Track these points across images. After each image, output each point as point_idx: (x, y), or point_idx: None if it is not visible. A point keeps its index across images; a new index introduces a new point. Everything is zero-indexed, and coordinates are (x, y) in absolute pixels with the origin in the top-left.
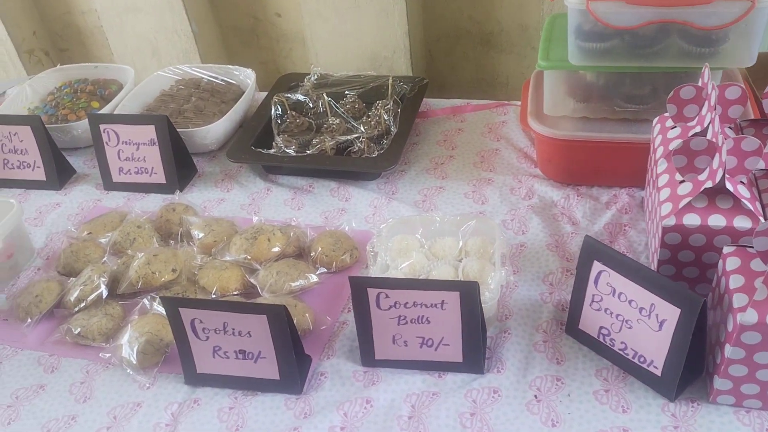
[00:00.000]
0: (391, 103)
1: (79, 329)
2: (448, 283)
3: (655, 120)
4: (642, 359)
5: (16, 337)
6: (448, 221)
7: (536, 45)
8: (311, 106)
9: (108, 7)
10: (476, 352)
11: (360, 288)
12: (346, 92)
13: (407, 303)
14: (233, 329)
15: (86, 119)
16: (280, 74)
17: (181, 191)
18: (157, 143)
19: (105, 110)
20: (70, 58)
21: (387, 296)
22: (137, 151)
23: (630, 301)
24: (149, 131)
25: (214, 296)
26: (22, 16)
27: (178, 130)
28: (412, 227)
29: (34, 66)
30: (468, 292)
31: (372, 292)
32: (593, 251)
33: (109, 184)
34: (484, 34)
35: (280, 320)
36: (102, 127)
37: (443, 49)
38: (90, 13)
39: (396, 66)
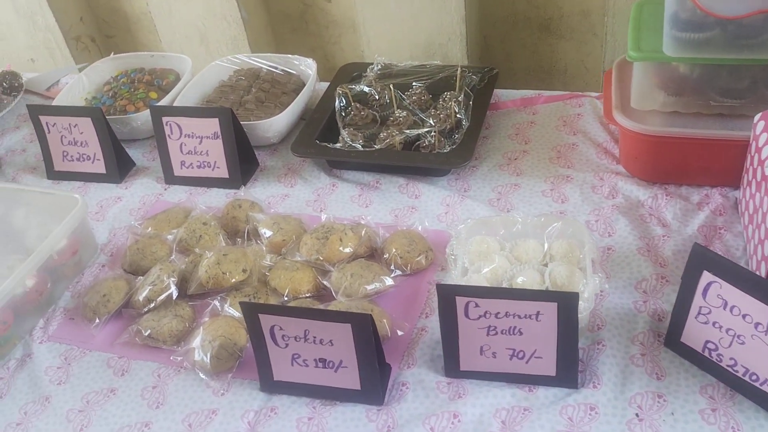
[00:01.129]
0: (462, 95)
1: (149, 331)
2: (545, 294)
3: (758, 117)
4: (754, 377)
5: (84, 338)
6: (531, 223)
7: (598, 31)
8: (377, 97)
9: None
10: (571, 365)
11: (448, 296)
12: (414, 83)
13: (498, 313)
14: (314, 337)
15: (146, 111)
16: (329, 61)
17: (243, 186)
18: (220, 137)
19: (164, 101)
20: (116, 45)
21: (477, 305)
22: (200, 144)
23: (744, 316)
24: (213, 124)
25: (286, 298)
26: (70, 3)
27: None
28: (492, 228)
29: (81, 53)
30: (567, 304)
31: (461, 301)
32: (703, 261)
33: (171, 178)
34: (543, 19)
35: (365, 330)
36: (164, 119)
37: (498, 36)
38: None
39: (450, 53)
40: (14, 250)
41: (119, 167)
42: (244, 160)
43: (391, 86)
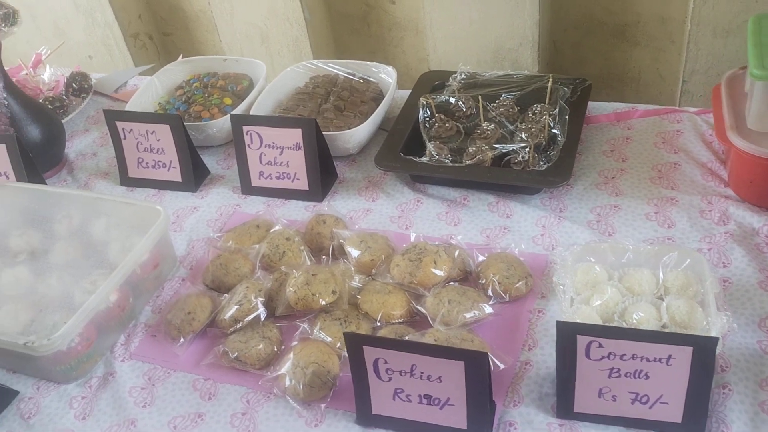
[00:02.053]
0: (557, 109)
1: (236, 353)
2: (679, 337)
3: None
4: None
5: (168, 357)
6: (643, 251)
7: (677, 39)
8: (464, 109)
9: None
10: (700, 413)
11: (568, 334)
12: (503, 94)
13: (624, 355)
14: (422, 373)
15: (222, 118)
16: (389, 63)
17: (323, 199)
18: (302, 148)
19: (240, 108)
20: (173, 43)
21: (600, 346)
22: (280, 155)
23: None
24: (295, 135)
25: (378, 324)
26: (129, 0)
27: None
28: (601, 255)
29: (139, 50)
30: (704, 348)
31: (582, 340)
32: None
33: (248, 188)
34: (618, 25)
35: (480, 369)
36: (245, 128)
37: (570, 41)
38: None
39: (521, 59)
40: (97, 264)
41: (195, 175)
42: (323, 171)
43: (479, 97)
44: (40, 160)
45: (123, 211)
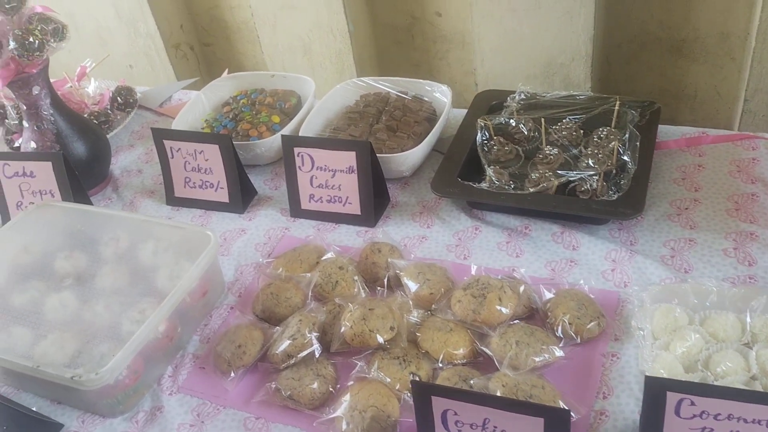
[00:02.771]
0: (627, 134)
1: (289, 392)
2: None
3: None
4: None
5: (217, 392)
6: (728, 293)
7: (737, 55)
8: (525, 131)
9: (263, 3)
10: None
11: (657, 390)
12: (567, 117)
13: (719, 415)
14: (495, 427)
15: (272, 137)
16: (433, 77)
17: (375, 224)
18: (355, 171)
19: (289, 127)
20: (213, 53)
21: (693, 404)
22: (332, 177)
23: None
24: (349, 157)
25: (440, 365)
26: (172, 10)
27: None
28: (682, 296)
29: (179, 61)
30: None
31: (673, 397)
32: None
33: (297, 211)
34: (675, 41)
35: (561, 427)
36: (296, 150)
37: (623, 57)
38: (239, 9)
39: (573, 74)
40: (145, 291)
41: (243, 196)
42: (376, 195)
43: (542, 120)
44: (85, 177)
45: (171, 235)
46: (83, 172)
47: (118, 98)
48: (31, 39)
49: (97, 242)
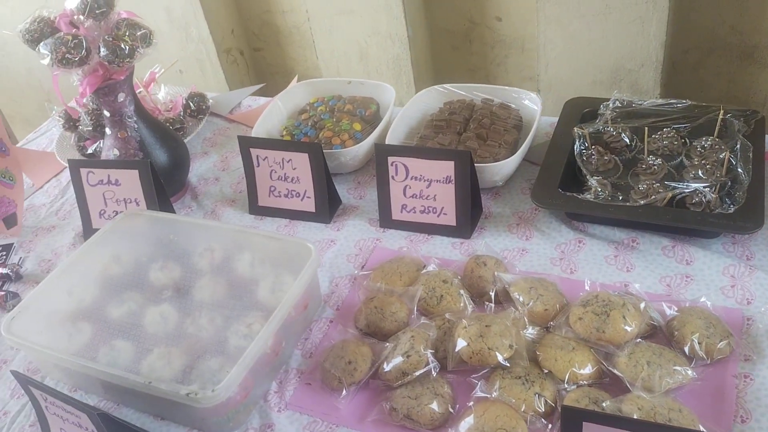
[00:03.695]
0: (739, 144)
1: (406, 411)
2: None
3: None
4: None
5: (328, 409)
6: None
7: None
8: (626, 140)
9: (319, 8)
10: None
11: None
12: (670, 126)
13: None
14: None
15: (357, 145)
16: (490, 82)
17: (471, 235)
18: (453, 181)
19: (374, 136)
20: (263, 58)
21: None
22: (428, 188)
23: None
24: (446, 167)
25: (566, 386)
26: (224, 15)
27: None
28: None
29: (230, 66)
30: None
31: None
32: None
33: (388, 222)
34: (746, 46)
35: None
36: (390, 159)
37: (690, 63)
38: (291, 13)
39: (641, 81)
40: (249, 305)
41: (329, 206)
42: (471, 205)
43: (646, 129)
44: (166, 185)
45: (268, 246)
46: (164, 180)
47: (191, 105)
48: (122, 45)
49: (191, 253)
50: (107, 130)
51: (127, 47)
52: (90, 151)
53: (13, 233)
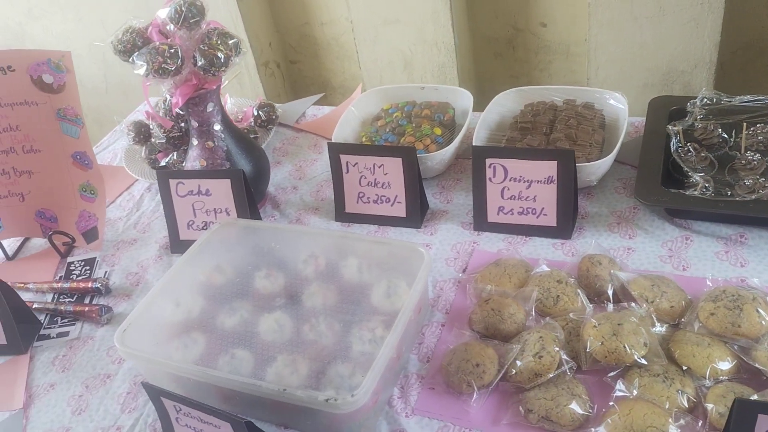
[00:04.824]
0: None
1: (544, 412)
2: None
3: None
4: None
5: (458, 414)
6: None
7: None
8: (725, 136)
9: (364, 18)
10: None
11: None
12: (767, 121)
13: None
14: None
15: (443, 149)
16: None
17: (571, 236)
18: (555, 181)
19: (459, 139)
20: (300, 71)
21: None
22: (527, 189)
23: None
24: (549, 168)
25: (708, 382)
26: (262, 28)
27: None
28: None
29: (268, 78)
30: None
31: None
32: None
33: (482, 224)
34: None
35: None
36: (488, 161)
37: (738, 63)
38: (330, 25)
39: (693, 82)
40: (367, 310)
41: (420, 211)
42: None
43: (744, 125)
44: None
45: (375, 251)
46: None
47: (261, 115)
48: (218, 54)
49: (295, 260)
50: (193, 141)
51: (223, 56)
52: (162, 163)
53: (95, 247)
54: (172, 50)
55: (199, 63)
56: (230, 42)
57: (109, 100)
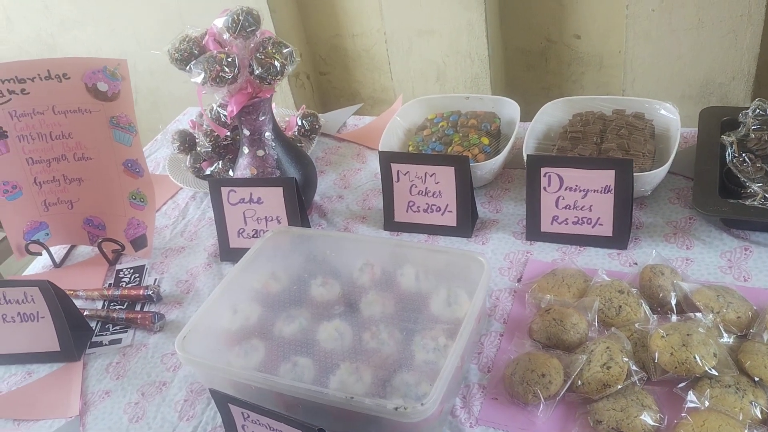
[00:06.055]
0: None
1: (615, 424)
2: None
3: None
4: None
5: (522, 424)
6: None
7: None
8: None
9: (398, 29)
10: None
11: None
12: None
13: None
14: None
15: (492, 159)
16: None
17: (626, 246)
18: (612, 191)
19: (507, 149)
20: (329, 82)
21: None
22: (583, 198)
23: None
24: (606, 177)
25: None
26: (294, 41)
27: None
28: None
29: (298, 90)
30: None
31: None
32: None
33: (536, 234)
34: None
35: None
36: (543, 170)
37: None
38: (361, 36)
39: (731, 94)
40: (429, 319)
41: (471, 220)
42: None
43: None
44: None
45: (432, 259)
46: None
47: (305, 124)
48: (275, 63)
49: (350, 268)
50: (244, 149)
51: (279, 65)
52: (207, 172)
53: (144, 255)
54: (230, 59)
55: (256, 72)
56: (285, 51)
57: (139, 110)
